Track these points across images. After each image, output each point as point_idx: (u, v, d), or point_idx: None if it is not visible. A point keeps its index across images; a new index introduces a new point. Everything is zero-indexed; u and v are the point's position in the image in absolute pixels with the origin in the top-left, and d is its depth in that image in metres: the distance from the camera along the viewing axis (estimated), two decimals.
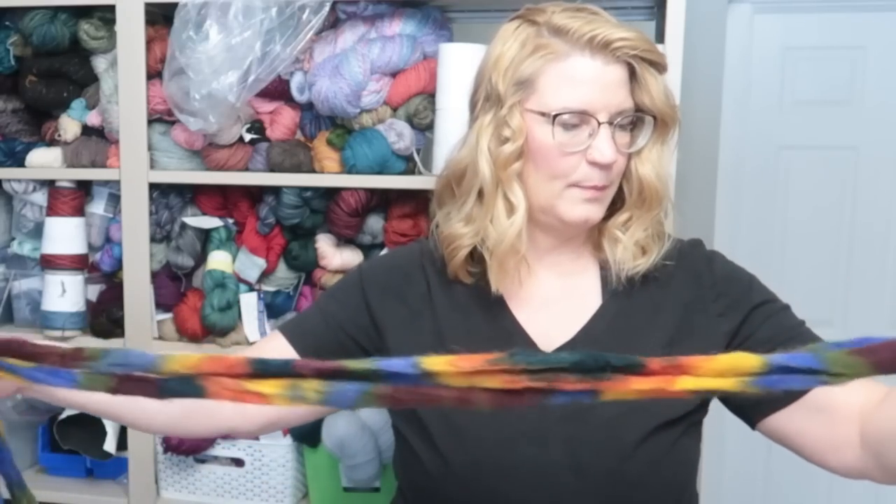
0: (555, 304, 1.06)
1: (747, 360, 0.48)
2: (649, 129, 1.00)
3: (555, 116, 0.97)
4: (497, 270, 1.01)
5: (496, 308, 1.06)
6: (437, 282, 1.08)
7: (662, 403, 0.95)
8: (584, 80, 0.96)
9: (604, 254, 1.05)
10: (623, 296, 1.04)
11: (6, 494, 0.69)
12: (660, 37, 1.46)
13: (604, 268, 1.06)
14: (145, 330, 1.65)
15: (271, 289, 1.67)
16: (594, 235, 1.07)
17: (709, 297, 1.03)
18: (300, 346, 1.07)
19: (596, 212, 1.01)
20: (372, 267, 1.14)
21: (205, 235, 1.68)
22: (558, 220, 1.01)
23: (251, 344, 1.64)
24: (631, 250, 1.02)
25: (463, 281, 1.06)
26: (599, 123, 0.96)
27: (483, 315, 1.06)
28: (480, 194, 1.01)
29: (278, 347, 1.08)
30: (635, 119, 0.99)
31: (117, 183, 1.64)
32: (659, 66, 0.99)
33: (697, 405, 1.00)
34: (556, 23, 0.97)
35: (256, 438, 1.66)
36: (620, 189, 1.04)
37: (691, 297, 1.04)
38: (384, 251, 1.60)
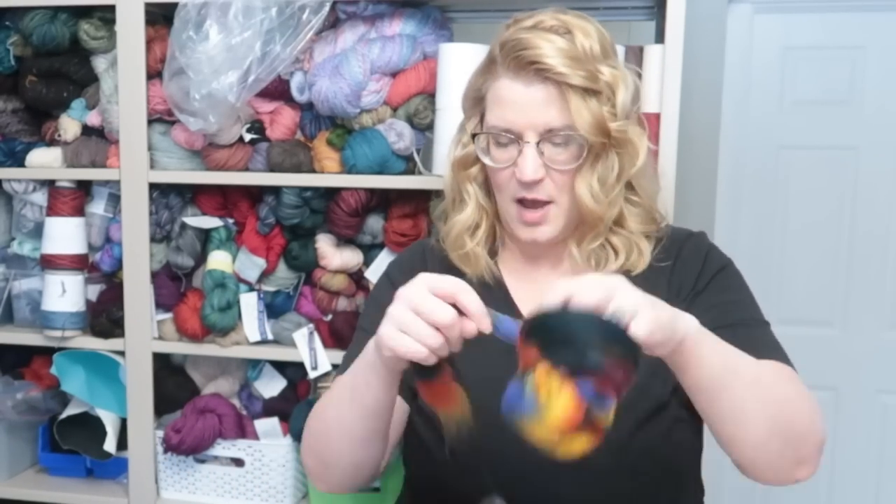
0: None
1: None
2: (579, 149, 1.00)
3: (473, 136, 1.05)
4: (458, 261, 1.09)
5: (501, 301, 1.08)
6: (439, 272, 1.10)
7: (646, 391, 0.95)
8: (507, 100, 1.00)
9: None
10: None
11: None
12: (660, 37, 1.46)
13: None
14: (145, 330, 1.65)
15: (271, 289, 1.67)
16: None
17: (686, 287, 1.06)
18: None
19: (542, 232, 1.04)
20: (391, 271, 1.18)
21: (205, 235, 1.68)
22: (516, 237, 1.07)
23: (251, 344, 1.64)
24: (584, 262, 1.05)
25: (466, 271, 1.09)
26: (522, 143, 1.00)
27: (488, 306, 1.07)
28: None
29: None
30: (568, 138, 1.00)
31: (117, 183, 1.64)
32: (587, 90, 0.98)
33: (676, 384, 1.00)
34: (506, 39, 1.01)
35: (257, 438, 1.67)
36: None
37: (678, 287, 1.06)
38: (384, 251, 1.60)
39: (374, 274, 1.60)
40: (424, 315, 0.82)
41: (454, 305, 0.83)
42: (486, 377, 0.91)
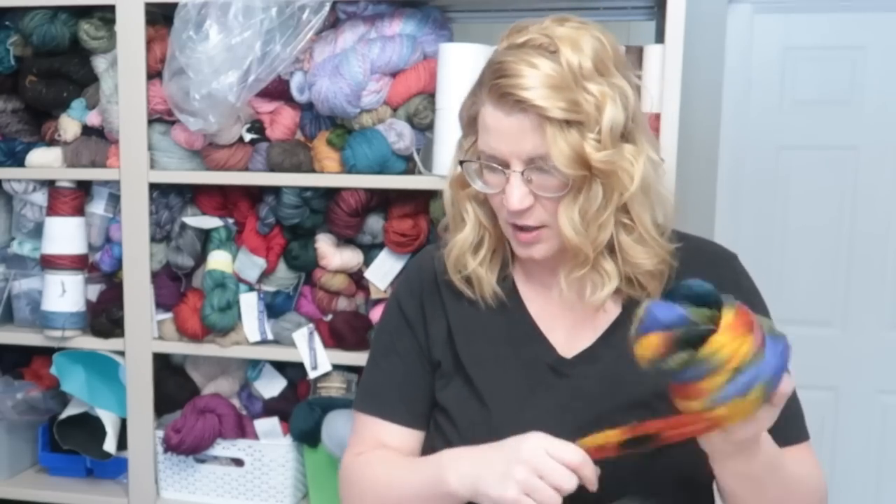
0: (575, 311, 1.06)
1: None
2: (565, 178, 0.96)
3: (461, 162, 1.03)
4: (460, 285, 1.08)
5: (517, 312, 1.08)
6: (448, 288, 1.10)
7: (661, 398, 0.95)
8: (491, 128, 0.98)
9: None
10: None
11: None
12: (660, 37, 1.46)
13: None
14: (145, 330, 1.65)
15: (271, 289, 1.67)
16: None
17: None
18: (406, 419, 1.10)
19: (539, 251, 1.02)
20: (401, 295, 1.15)
21: (205, 235, 1.68)
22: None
23: (251, 344, 1.64)
24: (569, 291, 1.02)
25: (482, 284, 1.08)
26: (509, 171, 0.97)
27: (503, 318, 1.08)
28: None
29: (394, 435, 1.10)
30: (553, 167, 0.95)
31: (117, 183, 1.64)
32: (567, 122, 0.93)
33: None
34: (493, 59, 0.98)
35: (257, 438, 1.67)
36: None
37: None
38: (384, 251, 1.60)
39: (373, 274, 1.60)
40: (549, 480, 0.88)
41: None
42: (507, 395, 0.91)
